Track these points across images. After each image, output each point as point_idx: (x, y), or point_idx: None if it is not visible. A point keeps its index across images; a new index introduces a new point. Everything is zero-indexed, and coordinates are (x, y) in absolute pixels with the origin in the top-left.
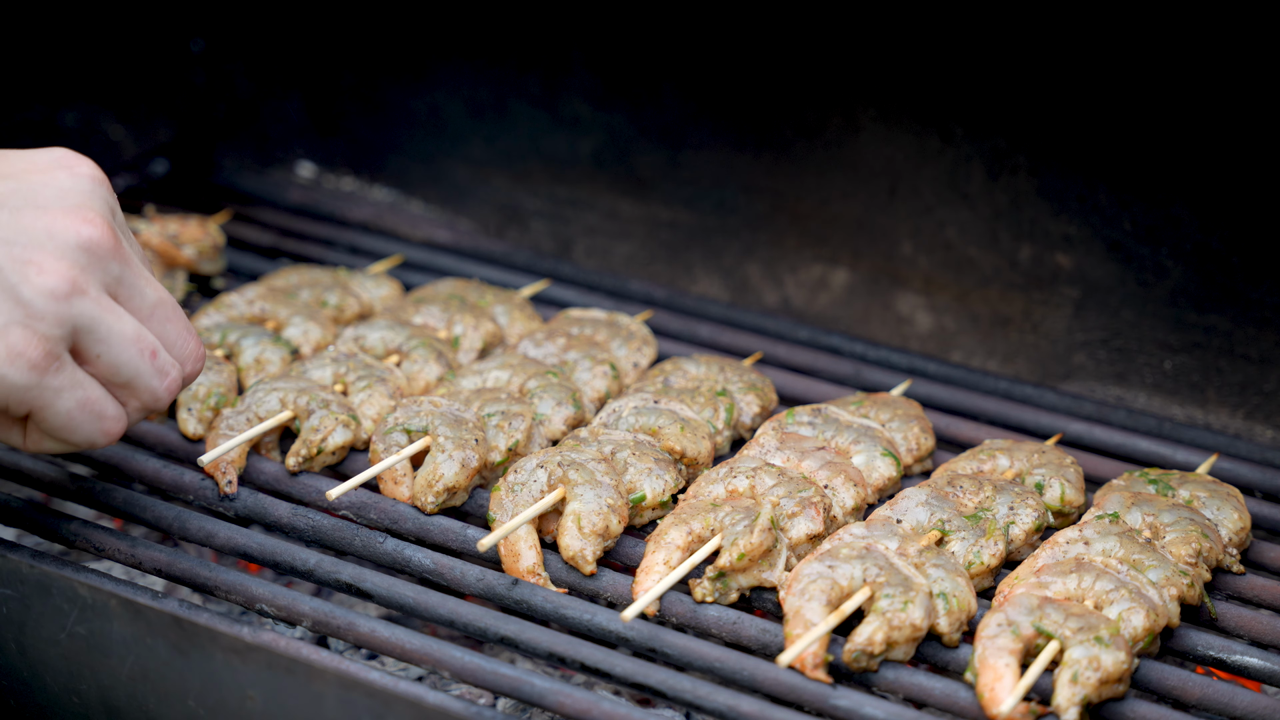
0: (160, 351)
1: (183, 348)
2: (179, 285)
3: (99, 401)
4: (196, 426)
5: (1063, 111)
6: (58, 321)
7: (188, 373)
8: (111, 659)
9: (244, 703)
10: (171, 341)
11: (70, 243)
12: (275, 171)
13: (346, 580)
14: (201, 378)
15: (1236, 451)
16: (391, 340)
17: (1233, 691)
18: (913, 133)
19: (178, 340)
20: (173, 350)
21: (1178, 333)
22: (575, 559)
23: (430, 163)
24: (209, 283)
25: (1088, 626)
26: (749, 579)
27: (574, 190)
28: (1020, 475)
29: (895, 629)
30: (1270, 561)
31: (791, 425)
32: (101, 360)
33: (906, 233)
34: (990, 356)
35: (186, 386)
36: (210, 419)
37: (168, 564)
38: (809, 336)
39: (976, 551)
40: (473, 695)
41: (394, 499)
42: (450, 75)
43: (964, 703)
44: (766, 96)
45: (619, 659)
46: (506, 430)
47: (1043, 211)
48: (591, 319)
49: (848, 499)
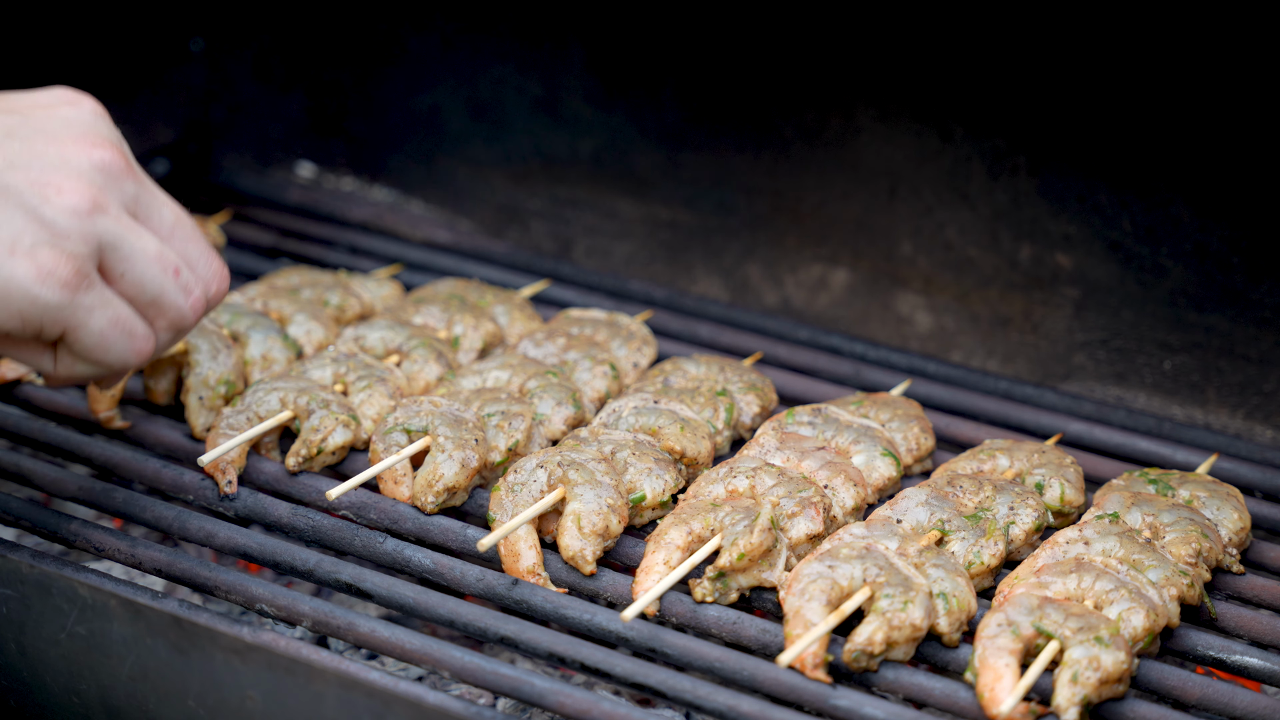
0: (183, 269)
1: (205, 267)
2: None
3: (129, 320)
4: (206, 418)
5: (1062, 111)
6: (83, 239)
7: (212, 294)
8: (111, 659)
9: (244, 703)
10: (194, 260)
11: (85, 164)
12: (275, 171)
13: (346, 580)
14: (210, 364)
15: (1236, 451)
16: (391, 340)
17: (1233, 691)
18: (912, 133)
19: (199, 260)
20: (195, 269)
21: (1177, 333)
22: (575, 559)
23: (430, 163)
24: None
25: (1088, 626)
26: (749, 579)
27: (574, 190)
28: (1020, 475)
29: (895, 629)
30: (1270, 561)
31: (791, 425)
32: (126, 278)
33: (906, 233)
34: (990, 356)
35: (211, 309)
36: (220, 406)
37: (168, 564)
38: (809, 336)
39: (976, 551)
40: (473, 695)
41: (394, 499)
42: (450, 75)
43: (964, 703)
44: (766, 97)
45: (619, 659)
46: (506, 430)
47: (1043, 211)
48: (591, 319)
49: (848, 499)
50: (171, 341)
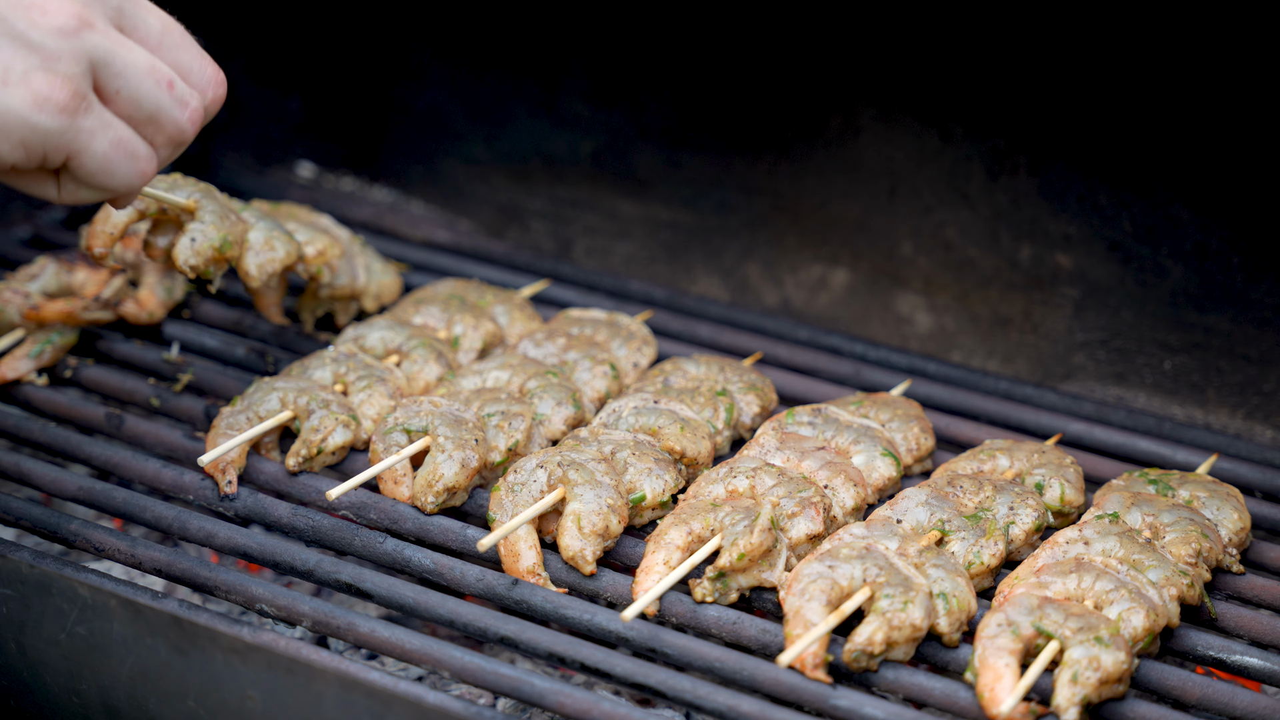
0: (177, 82)
1: (200, 75)
2: (179, 286)
3: (131, 141)
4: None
5: (1062, 111)
6: (74, 59)
7: (209, 102)
8: (111, 659)
9: (244, 703)
10: (187, 69)
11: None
12: (275, 171)
13: (346, 580)
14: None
15: (1236, 451)
16: (391, 340)
17: (1233, 691)
18: (912, 133)
19: (193, 67)
20: (190, 79)
21: (1178, 333)
22: (575, 559)
23: (430, 163)
24: (209, 284)
25: (1088, 626)
26: (749, 579)
27: (574, 190)
28: (1020, 475)
29: (895, 629)
30: (1270, 561)
31: (791, 425)
32: (121, 96)
33: (906, 233)
34: (990, 356)
35: (209, 118)
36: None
37: (168, 564)
38: (809, 336)
39: (976, 551)
40: (473, 695)
41: (394, 499)
42: (450, 75)
43: (964, 703)
44: (766, 97)
45: (619, 659)
46: (506, 430)
47: (1043, 211)
48: (591, 319)
49: (848, 499)
50: (171, 157)
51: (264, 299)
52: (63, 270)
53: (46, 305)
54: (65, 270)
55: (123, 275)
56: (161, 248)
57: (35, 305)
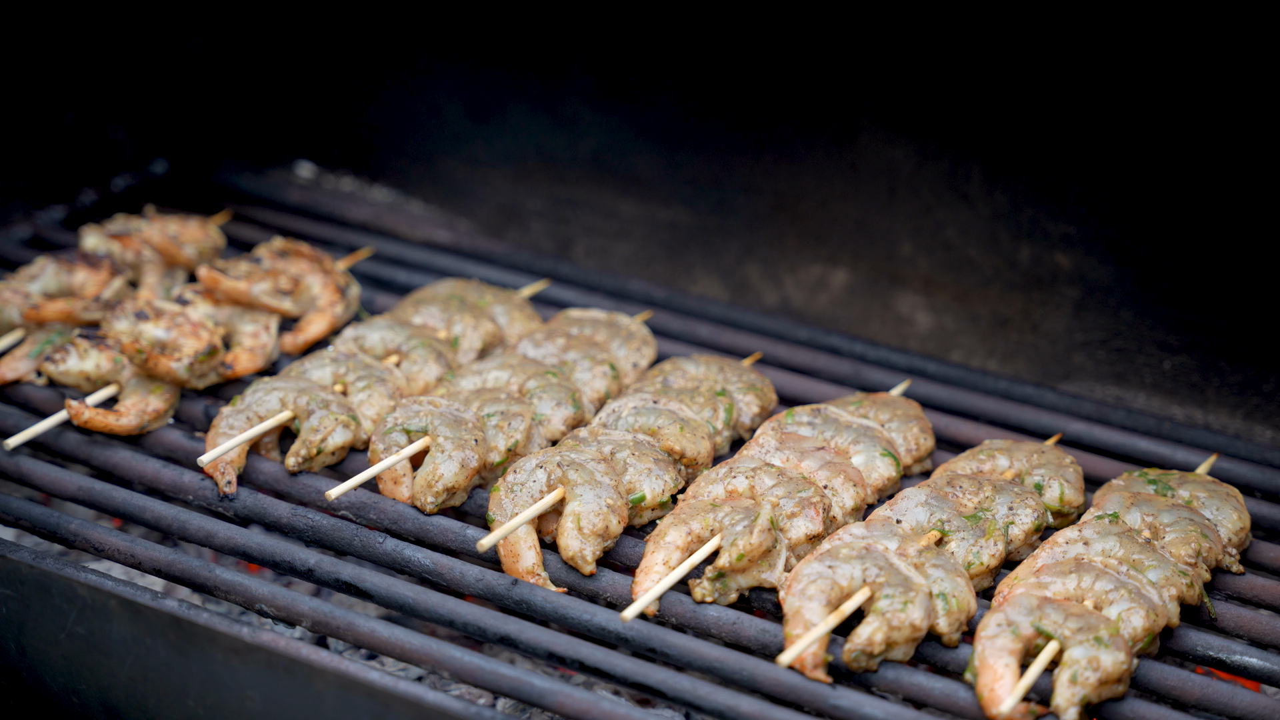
0: None
1: None
2: (179, 285)
3: None
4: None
5: (1063, 111)
6: None
7: None
8: (111, 659)
9: (244, 703)
10: None
11: None
12: (275, 171)
13: (346, 580)
14: None
15: (1236, 451)
16: (391, 340)
17: (1232, 691)
18: (912, 133)
19: None
20: None
21: (1177, 333)
22: (575, 559)
23: (430, 163)
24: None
25: (1087, 627)
26: (749, 579)
27: (574, 190)
28: (1020, 475)
29: (895, 629)
30: (1270, 561)
31: (791, 425)
32: None
33: (906, 233)
34: (990, 356)
35: None
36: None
37: (168, 564)
38: (809, 336)
39: (976, 551)
40: (472, 695)
41: (393, 499)
42: (450, 75)
43: (964, 703)
44: (766, 97)
45: (619, 659)
46: (506, 430)
47: (1043, 211)
48: (591, 319)
49: (847, 499)
50: None
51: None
52: (63, 270)
53: (46, 305)
54: (65, 270)
55: (122, 276)
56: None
57: (35, 305)
